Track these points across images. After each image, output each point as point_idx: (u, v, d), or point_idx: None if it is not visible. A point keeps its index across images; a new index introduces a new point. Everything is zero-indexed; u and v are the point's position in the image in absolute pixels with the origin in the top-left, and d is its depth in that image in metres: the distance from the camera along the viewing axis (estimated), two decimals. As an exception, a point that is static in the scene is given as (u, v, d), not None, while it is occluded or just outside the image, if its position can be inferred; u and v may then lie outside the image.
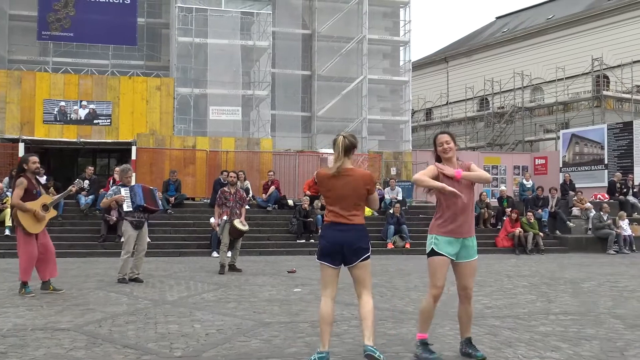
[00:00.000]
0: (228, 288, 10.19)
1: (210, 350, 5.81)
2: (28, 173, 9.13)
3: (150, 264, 13.53)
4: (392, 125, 33.43)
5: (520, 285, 10.92)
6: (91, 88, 25.88)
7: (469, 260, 5.53)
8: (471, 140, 39.24)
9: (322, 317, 5.31)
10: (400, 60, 34.42)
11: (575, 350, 5.87)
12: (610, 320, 7.43)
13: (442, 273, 5.45)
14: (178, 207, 19.83)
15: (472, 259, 5.55)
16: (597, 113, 32.35)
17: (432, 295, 5.47)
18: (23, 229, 8.96)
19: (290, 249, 17.92)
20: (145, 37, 29.73)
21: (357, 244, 5.31)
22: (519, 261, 16.18)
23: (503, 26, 51.61)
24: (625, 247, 19.05)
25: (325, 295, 5.36)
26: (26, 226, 8.96)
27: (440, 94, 47.94)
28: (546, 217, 20.24)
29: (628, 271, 13.54)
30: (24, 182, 9.01)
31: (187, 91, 27.53)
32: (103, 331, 6.60)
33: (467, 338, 5.66)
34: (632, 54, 37.05)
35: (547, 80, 40.35)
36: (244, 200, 13.18)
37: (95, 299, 8.88)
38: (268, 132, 28.17)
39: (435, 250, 5.49)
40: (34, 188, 9.16)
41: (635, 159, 26.98)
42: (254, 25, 29.45)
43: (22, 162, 9.25)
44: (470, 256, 5.53)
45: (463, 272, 5.52)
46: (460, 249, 5.50)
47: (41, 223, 9.15)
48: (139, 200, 10.69)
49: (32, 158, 9.22)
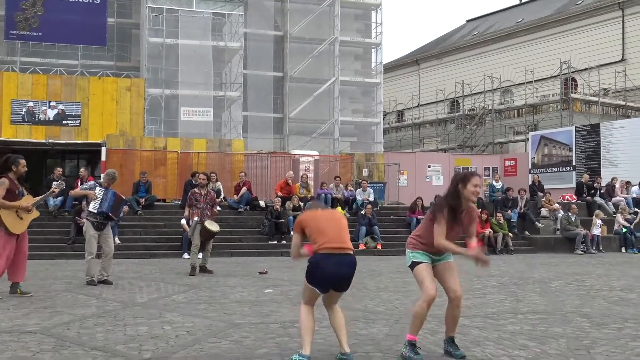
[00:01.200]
0: (199, 289, 10.13)
1: (179, 351, 5.78)
2: (11, 174, 8.97)
3: (120, 266, 13.40)
4: (364, 127, 33.55)
5: (489, 285, 11.04)
6: (60, 88, 25.56)
7: (447, 260, 5.74)
8: (442, 142, 39.53)
9: (304, 324, 5.41)
10: (372, 62, 34.58)
11: (542, 349, 5.96)
12: (577, 319, 7.55)
13: (431, 278, 5.60)
14: (148, 209, 19.67)
15: (449, 259, 5.76)
16: (565, 115, 32.81)
17: (427, 302, 5.56)
18: (5, 228, 8.79)
19: (261, 250, 17.88)
20: (115, 38, 29.44)
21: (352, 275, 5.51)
22: (488, 261, 16.33)
23: (473, 29, 52.12)
24: (593, 247, 19.35)
25: (308, 305, 5.50)
26: (9, 226, 8.79)
27: (411, 96, 48.23)
28: (515, 217, 20.46)
29: (595, 271, 13.76)
30: (6, 182, 8.85)
31: (157, 92, 27.32)
32: (71, 334, 6.53)
33: (450, 337, 5.79)
34: (599, 58, 37.68)
35: (517, 82, 40.82)
36: (215, 201, 13.12)
37: (63, 301, 8.77)
38: (240, 134, 28.09)
39: (415, 261, 5.67)
40: (16, 188, 9.01)
41: (602, 161, 27.45)
42: (226, 26, 29.35)
43: (9, 164, 9.01)
44: (446, 258, 5.75)
45: (445, 273, 5.69)
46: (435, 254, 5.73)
47: (23, 223, 9.00)
48: (106, 207, 10.59)
49: (22, 161, 9.07)
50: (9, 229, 8.80)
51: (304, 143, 30.43)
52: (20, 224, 8.96)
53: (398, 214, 21.96)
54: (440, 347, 5.93)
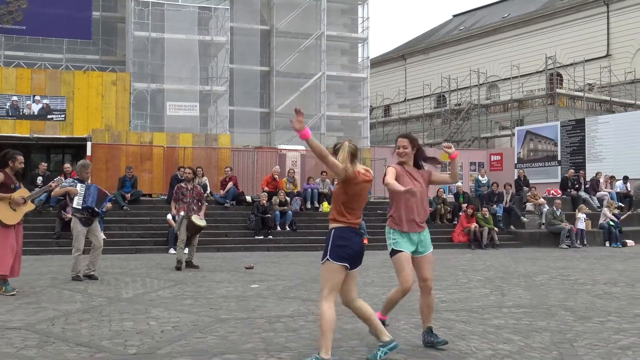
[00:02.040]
0: (185, 285, 10.11)
1: (165, 347, 5.77)
2: (7, 169, 8.95)
3: (105, 261, 13.34)
4: (351, 121, 33.60)
5: (475, 279, 11.10)
6: (44, 82, 25.38)
7: (426, 254, 5.79)
8: (428, 137, 39.65)
9: (329, 323, 4.98)
10: (359, 57, 34.64)
11: (526, 342, 6.00)
12: (561, 313, 7.61)
13: (409, 269, 5.66)
14: (134, 204, 19.58)
15: (428, 251, 5.81)
16: (550, 110, 33.01)
17: (402, 292, 5.74)
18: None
19: (248, 245, 17.87)
20: (100, 31, 29.28)
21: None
22: (474, 256, 16.42)
23: (460, 24, 52.28)
24: (577, 241, 19.49)
25: (330, 299, 5.06)
26: (2, 217, 8.76)
27: (398, 91, 48.32)
28: (501, 212, 20.57)
29: (579, 265, 13.87)
30: (1, 176, 8.84)
31: (143, 86, 27.21)
32: (56, 329, 6.50)
33: (428, 327, 5.84)
34: (584, 53, 37.95)
35: (503, 77, 41.04)
36: (202, 196, 13.09)
37: (48, 297, 8.72)
38: (226, 128, 28.05)
39: (395, 249, 5.72)
40: (11, 183, 9.00)
41: (587, 156, 27.66)
42: (212, 20, 29.27)
43: (7, 158, 8.98)
44: (426, 250, 5.79)
45: (421, 265, 5.76)
46: (417, 244, 5.75)
47: (17, 214, 8.96)
48: (91, 201, 10.53)
49: (20, 157, 9.08)
50: (2, 220, 8.78)
51: (290, 138, 30.42)
52: (13, 215, 8.92)
53: (384, 208, 22.00)
54: (426, 341, 5.96)
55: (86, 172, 10.90)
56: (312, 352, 5.57)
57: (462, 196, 21.54)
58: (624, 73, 37.68)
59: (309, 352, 5.58)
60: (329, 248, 5.10)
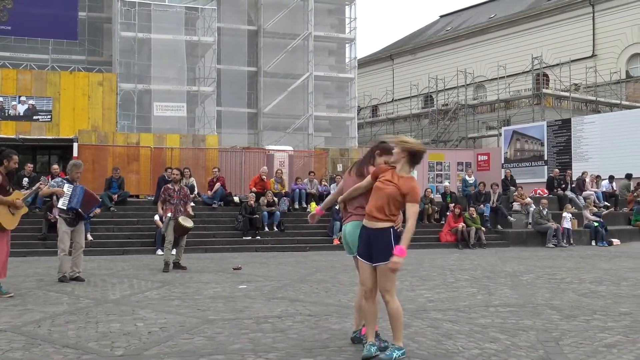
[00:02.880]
0: (172, 286, 10.09)
1: (152, 348, 5.75)
2: (2, 168, 8.78)
3: (92, 263, 13.27)
4: (338, 122, 33.63)
5: (462, 279, 11.14)
6: (30, 83, 25.22)
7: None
8: (416, 137, 39.69)
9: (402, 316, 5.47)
10: (346, 57, 34.68)
11: (512, 341, 6.04)
12: (547, 312, 7.66)
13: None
14: (121, 205, 19.47)
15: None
16: (537, 110, 33.18)
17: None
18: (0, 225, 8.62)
19: (236, 246, 17.82)
20: (86, 32, 29.14)
21: None
22: (461, 255, 16.48)
23: (447, 25, 52.47)
24: (563, 241, 19.60)
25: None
26: (3, 222, 8.62)
27: (385, 91, 48.43)
28: (488, 212, 20.64)
29: (565, 264, 13.95)
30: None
31: (130, 87, 27.11)
32: (42, 331, 6.46)
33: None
34: (570, 53, 38.20)
35: (490, 78, 41.22)
36: (188, 197, 13.06)
37: (34, 298, 8.67)
38: (214, 129, 28.00)
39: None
40: (7, 184, 8.83)
41: (573, 155, 27.83)
42: (199, 20, 29.20)
43: (2, 157, 8.79)
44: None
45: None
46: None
47: (15, 218, 8.85)
48: (75, 202, 10.46)
49: (15, 157, 8.88)
50: (3, 225, 8.64)
51: (278, 138, 30.43)
52: (13, 220, 8.81)
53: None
54: (412, 340, 5.99)
55: (77, 172, 10.79)
56: (300, 353, 5.58)
57: (450, 196, 21.60)
58: (610, 73, 37.96)
59: (297, 352, 5.59)
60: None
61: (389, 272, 5.24)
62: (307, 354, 5.53)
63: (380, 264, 5.29)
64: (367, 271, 5.44)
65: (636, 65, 40.19)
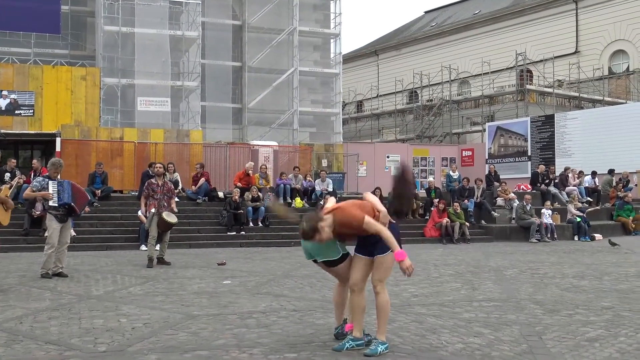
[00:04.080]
0: (156, 281, 10.04)
1: (136, 344, 5.72)
2: None
3: (75, 259, 13.19)
4: (323, 117, 33.59)
5: (446, 273, 11.19)
6: (12, 77, 24.92)
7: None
8: (401, 133, 39.83)
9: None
10: (331, 52, 34.62)
11: (496, 336, 6.07)
12: (530, 306, 7.71)
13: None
14: (105, 200, 19.36)
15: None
16: (520, 106, 33.34)
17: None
18: None
19: (220, 241, 17.77)
20: (69, 25, 28.84)
21: None
22: (445, 250, 16.55)
23: (431, 20, 52.58)
24: (547, 236, 19.73)
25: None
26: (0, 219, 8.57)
27: (370, 87, 48.47)
28: (472, 207, 20.73)
29: (548, 259, 14.05)
30: None
31: (114, 81, 26.89)
32: (24, 328, 6.41)
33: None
34: (553, 50, 38.43)
35: (474, 74, 41.36)
36: (172, 192, 12.99)
37: (16, 295, 8.60)
38: (198, 124, 27.86)
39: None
40: None
41: (557, 151, 28.03)
42: (183, 15, 29.00)
43: None
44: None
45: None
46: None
47: (8, 214, 8.79)
48: (67, 197, 10.37)
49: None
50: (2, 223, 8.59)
51: (263, 133, 30.35)
52: (6, 216, 8.75)
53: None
54: (396, 334, 6.01)
55: (55, 171, 10.70)
56: (284, 348, 5.57)
57: (434, 191, 21.67)
58: (592, 69, 38.24)
59: (281, 347, 5.59)
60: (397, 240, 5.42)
61: (388, 263, 5.39)
62: (291, 349, 5.53)
63: (382, 255, 5.39)
64: (360, 265, 5.51)
65: (619, 62, 40.54)
